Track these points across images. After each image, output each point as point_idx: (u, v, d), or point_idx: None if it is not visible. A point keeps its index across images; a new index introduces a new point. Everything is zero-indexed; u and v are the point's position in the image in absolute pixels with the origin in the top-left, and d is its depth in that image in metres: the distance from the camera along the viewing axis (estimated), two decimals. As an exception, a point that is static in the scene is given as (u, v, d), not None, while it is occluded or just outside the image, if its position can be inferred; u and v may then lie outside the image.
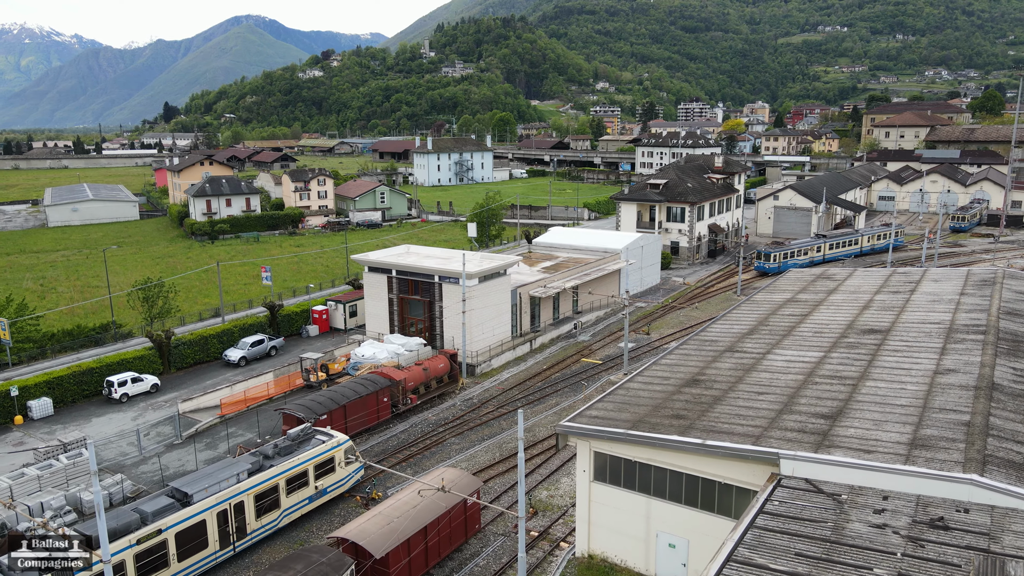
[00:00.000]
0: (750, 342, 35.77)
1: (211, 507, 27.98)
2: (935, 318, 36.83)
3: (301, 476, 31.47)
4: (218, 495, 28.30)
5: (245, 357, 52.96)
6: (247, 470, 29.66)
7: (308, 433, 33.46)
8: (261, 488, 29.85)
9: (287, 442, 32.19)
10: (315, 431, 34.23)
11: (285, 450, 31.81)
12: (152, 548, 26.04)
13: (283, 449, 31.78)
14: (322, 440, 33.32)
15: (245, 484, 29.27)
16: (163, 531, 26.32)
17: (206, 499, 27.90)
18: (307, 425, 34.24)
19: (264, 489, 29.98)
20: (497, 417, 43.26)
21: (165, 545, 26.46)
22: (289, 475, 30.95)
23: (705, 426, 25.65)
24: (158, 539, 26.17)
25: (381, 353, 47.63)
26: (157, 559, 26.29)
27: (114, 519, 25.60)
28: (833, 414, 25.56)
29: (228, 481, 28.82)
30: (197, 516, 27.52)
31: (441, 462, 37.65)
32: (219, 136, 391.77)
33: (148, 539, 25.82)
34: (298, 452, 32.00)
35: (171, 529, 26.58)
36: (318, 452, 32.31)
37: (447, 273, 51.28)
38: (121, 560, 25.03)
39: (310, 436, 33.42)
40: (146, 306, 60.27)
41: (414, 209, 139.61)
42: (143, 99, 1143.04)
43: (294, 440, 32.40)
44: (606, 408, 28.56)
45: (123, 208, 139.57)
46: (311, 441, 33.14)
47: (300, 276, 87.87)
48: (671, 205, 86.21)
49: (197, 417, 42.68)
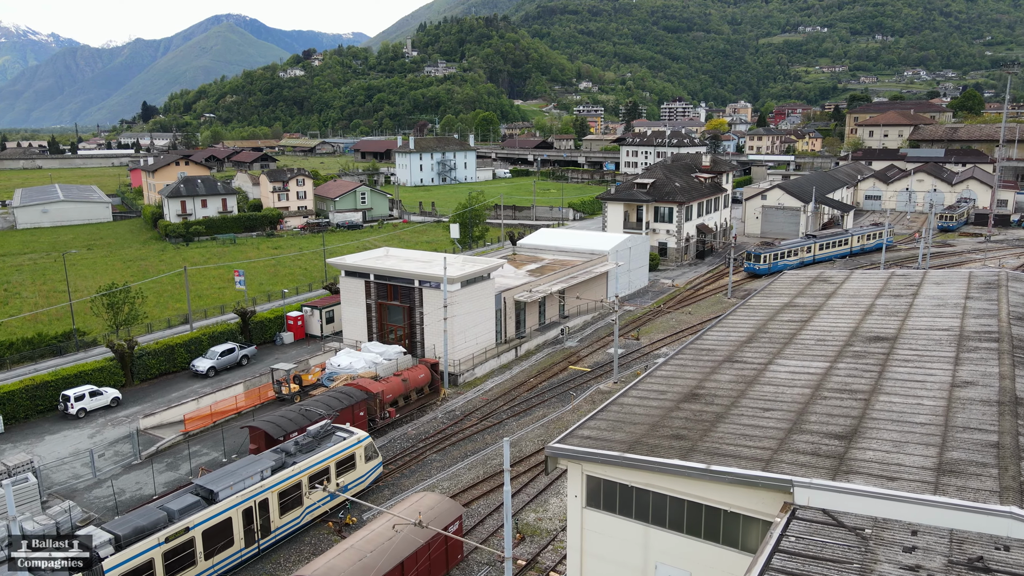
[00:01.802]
0: (750, 351, 33.64)
1: (236, 504, 27.55)
2: (943, 324, 34.91)
3: (323, 473, 31.25)
4: (243, 492, 27.84)
5: (214, 367, 50.03)
6: (270, 467, 29.30)
7: (328, 430, 33.07)
8: (285, 485, 29.45)
9: (308, 439, 31.86)
10: (335, 428, 33.81)
11: (306, 447, 31.48)
12: (180, 546, 25.54)
13: (304, 446, 31.46)
14: (342, 437, 33.05)
15: (269, 481, 28.83)
16: (190, 529, 25.80)
17: (231, 496, 27.44)
18: (327, 422, 33.94)
19: (288, 486, 29.58)
20: (481, 431, 40.87)
21: (192, 543, 25.99)
22: (311, 472, 30.63)
23: (708, 448, 23.42)
24: (185, 537, 25.68)
25: (358, 363, 45.09)
26: (184, 558, 25.81)
27: (142, 517, 25.09)
28: (847, 434, 23.42)
29: (252, 478, 28.38)
30: (223, 514, 27.06)
31: (422, 481, 35.22)
32: (198, 136, 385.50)
33: (176, 537, 25.31)
34: (320, 449, 31.62)
35: (198, 527, 26.10)
36: (339, 449, 32.04)
37: (428, 277, 48.78)
38: (149, 559, 24.52)
39: (330, 433, 33.06)
40: (111, 313, 57.16)
41: (396, 210, 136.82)
42: (122, 99, 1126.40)
43: (315, 437, 32.06)
44: (599, 427, 26.25)
45: (95, 209, 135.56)
46: (331, 438, 32.83)
47: (277, 280, 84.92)
48: (659, 205, 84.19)
49: (159, 434, 39.84)
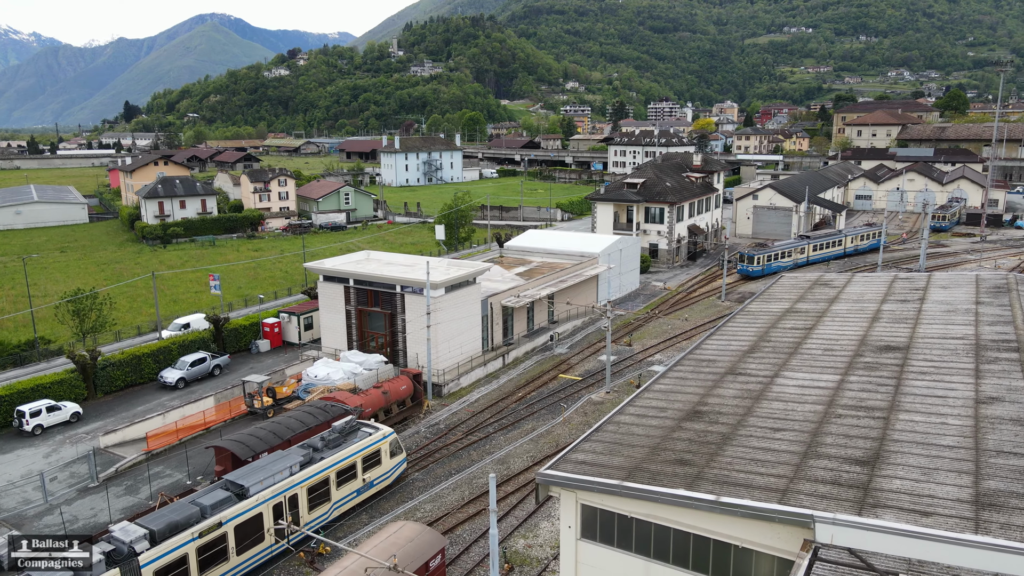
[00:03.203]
0: (753, 362, 31.46)
1: (267, 500, 27.48)
2: (957, 332, 32.89)
3: (350, 469, 31.23)
4: (273, 488, 27.77)
5: (184, 378, 47.22)
6: (299, 463, 29.14)
7: (353, 425, 32.98)
8: (313, 481, 29.39)
9: (334, 434, 31.76)
10: (360, 423, 33.76)
11: (333, 443, 31.44)
12: (213, 542, 25.49)
13: (331, 442, 31.39)
14: (368, 432, 33.04)
15: (298, 477, 28.77)
16: (223, 524, 25.76)
17: (262, 492, 27.34)
18: (352, 417, 33.80)
19: (316, 482, 29.52)
20: (467, 446, 38.47)
21: (225, 539, 25.95)
22: (339, 467, 30.63)
23: (716, 475, 21.16)
24: (218, 532, 25.66)
25: (336, 373, 42.58)
26: (217, 553, 25.75)
27: (175, 512, 25.03)
28: (869, 459, 21.24)
29: (282, 474, 28.23)
30: (254, 509, 26.95)
31: (403, 503, 32.79)
32: (181, 136, 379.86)
33: (209, 532, 25.29)
34: (346, 444, 31.69)
35: (230, 522, 26.05)
36: (366, 444, 32.06)
37: (410, 282, 46.32)
38: (184, 554, 24.43)
39: (356, 428, 33.04)
40: (76, 320, 54.26)
41: (380, 210, 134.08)
42: (104, 98, 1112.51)
43: (341, 432, 31.99)
44: (594, 449, 23.95)
45: (71, 211, 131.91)
46: (357, 433, 32.81)
47: (257, 283, 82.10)
48: (649, 205, 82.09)
49: (121, 453, 37.13)
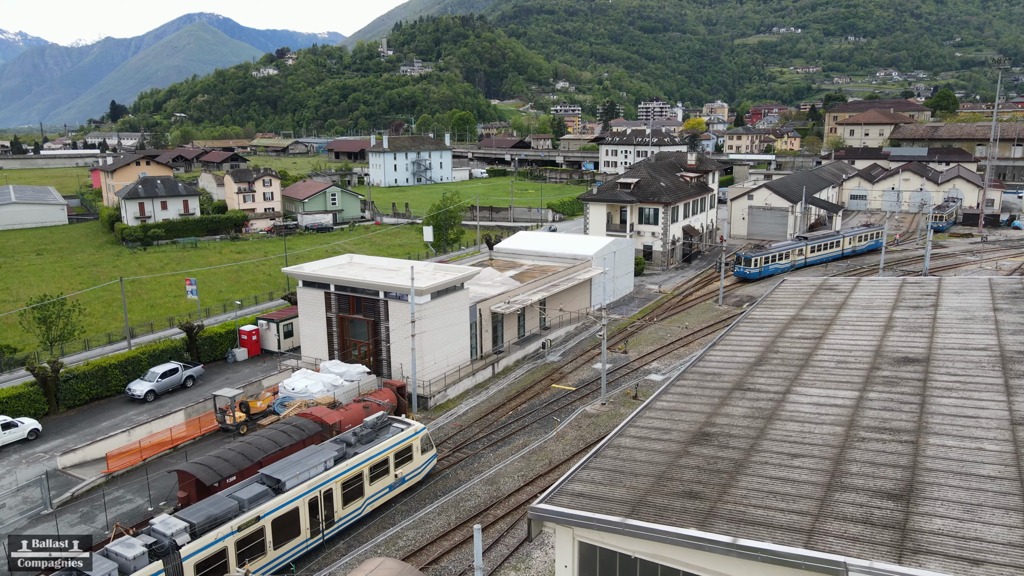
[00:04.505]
0: (762, 376, 29.15)
1: (303, 494, 27.66)
2: (978, 342, 30.70)
3: (383, 464, 31.42)
4: (309, 482, 27.96)
5: (153, 391, 44.43)
6: (333, 457, 29.33)
7: (385, 421, 33.22)
8: (347, 476, 29.63)
9: (366, 430, 32.02)
10: (391, 419, 33.95)
11: (365, 438, 31.70)
12: (251, 535, 25.63)
13: (363, 437, 31.65)
14: (400, 428, 33.29)
15: (333, 471, 29.00)
16: (261, 518, 25.94)
17: (298, 486, 27.56)
18: (383, 413, 33.94)
19: (350, 477, 29.77)
20: (453, 465, 36.01)
21: (262, 532, 26.08)
22: (372, 463, 30.86)
23: (731, 512, 18.79)
24: (256, 526, 25.80)
25: (315, 386, 40.01)
26: (255, 547, 25.84)
27: (214, 506, 25.16)
28: (902, 492, 18.93)
29: (316, 468, 28.45)
30: (291, 503, 27.14)
31: (383, 531, 30.28)
32: (168, 136, 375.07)
33: (247, 526, 25.45)
34: (378, 440, 31.92)
35: (268, 516, 26.21)
36: (397, 440, 32.23)
37: (394, 288, 43.79)
38: (223, 547, 24.59)
39: (387, 424, 33.27)
40: (43, 328, 51.45)
41: (368, 211, 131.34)
42: (91, 98, 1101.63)
43: (373, 427, 32.27)
44: (593, 479, 21.55)
45: (50, 212, 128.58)
46: (389, 429, 33.02)
47: (238, 287, 79.32)
48: (643, 206, 79.83)
49: (79, 475, 34.41)
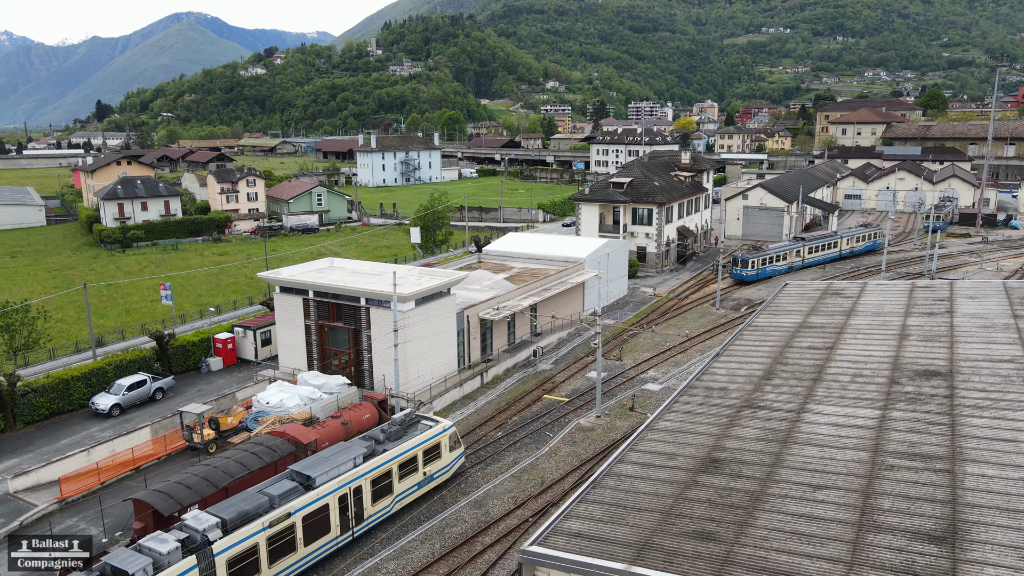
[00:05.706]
0: (772, 391, 26.86)
1: (333, 491, 27.45)
2: (1003, 353, 28.52)
3: (411, 461, 31.15)
4: (339, 479, 27.76)
5: (119, 404, 41.57)
6: (362, 454, 29.19)
7: (413, 418, 33.08)
8: (376, 473, 29.36)
9: (395, 427, 31.87)
10: (419, 416, 33.79)
11: (394, 435, 31.56)
12: (282, 532, 25.38)
13: (392, 434, 31.55)
14: (428, 425, 33.07)
15: (363, 468, 28.82)
16: (291, 515, 25.69)
17: (328, 483, 27.34)
18: (411, 410, 33.85)
19: (379, 474, 29.49)
20: (438, 486, 33.48)
21: (293, 529, 25.83)
22: (401, 460, 30.58)
23: (751, 558, 16.42)
24: (287, 523, 25.56)
25: (291, 400, 37.43)
26: (286, 544, 25.60)
27: (245, 502, 25.01)
28: (945, 534, 16.63)
29: (346, 465, 28.24)
30: (321, 500, 26.90)
31: (361, 562, 27.78)
32: (154, 135, 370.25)
33: (278, 522, 25.23)
34: (407, 437, 31.68)
35: (298, 513, 25.97)
36: (426, 437, 32.01)
37: (376, 295, 41.27)
38: (254, 543, 24.35)
39: (415, 421, 33.07)
40: (6, 337, 48.62)
41: (355, 212, 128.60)
42: (78, 98, 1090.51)
43: (401, 425, 32.07)
44: (592, 515, 19.15)
45: (27, 213, 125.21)
46: (418, 426, 32.79)
47: (219, 291, 76.45)
48: (637, 206, 77.55)
49: (33, 500, 31.68)
